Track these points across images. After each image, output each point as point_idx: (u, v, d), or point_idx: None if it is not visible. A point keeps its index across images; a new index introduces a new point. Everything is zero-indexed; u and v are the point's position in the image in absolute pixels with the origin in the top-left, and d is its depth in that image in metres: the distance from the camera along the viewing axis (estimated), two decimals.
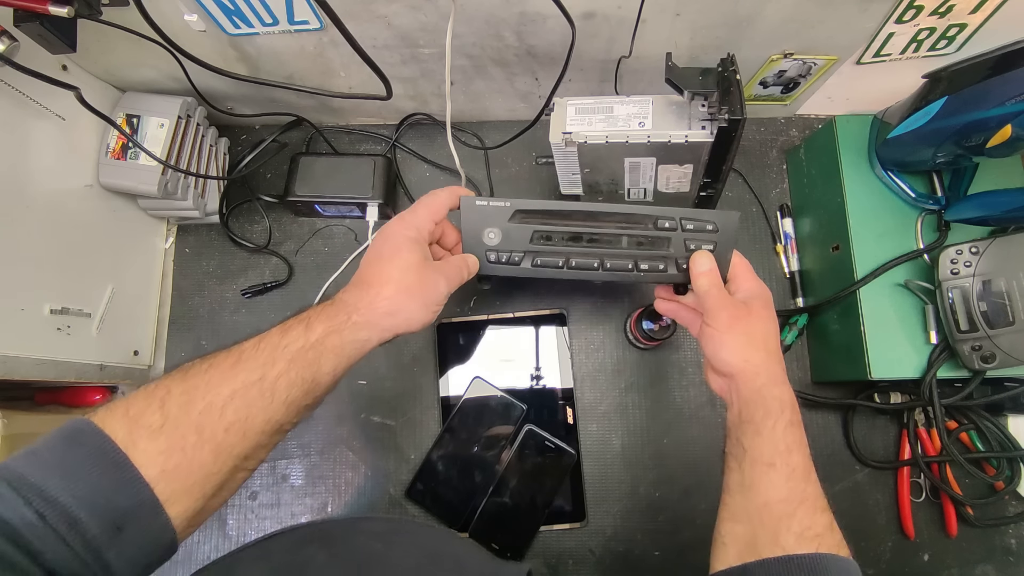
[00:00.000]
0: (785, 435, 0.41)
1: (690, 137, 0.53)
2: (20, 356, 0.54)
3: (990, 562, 0.66)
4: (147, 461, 0.33)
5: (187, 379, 0.36)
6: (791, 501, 0.39)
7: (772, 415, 0.42)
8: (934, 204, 0.62)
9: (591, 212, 0.49)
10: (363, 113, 0.76)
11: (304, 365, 0.39)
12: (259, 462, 0.41)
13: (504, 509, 0.65)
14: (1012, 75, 0.48)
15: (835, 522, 0.40)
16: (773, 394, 0.42)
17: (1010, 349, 0.55)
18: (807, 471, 0.41)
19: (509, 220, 0.49)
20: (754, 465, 0.41)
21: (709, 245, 0.48)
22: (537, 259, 0.49)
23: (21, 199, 0.55)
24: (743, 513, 0.41)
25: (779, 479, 0.40)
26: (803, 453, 0.41)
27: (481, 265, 0.50)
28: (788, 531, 0.38)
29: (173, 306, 0.73)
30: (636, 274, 0.49)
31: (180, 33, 0.53)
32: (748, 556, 0.39)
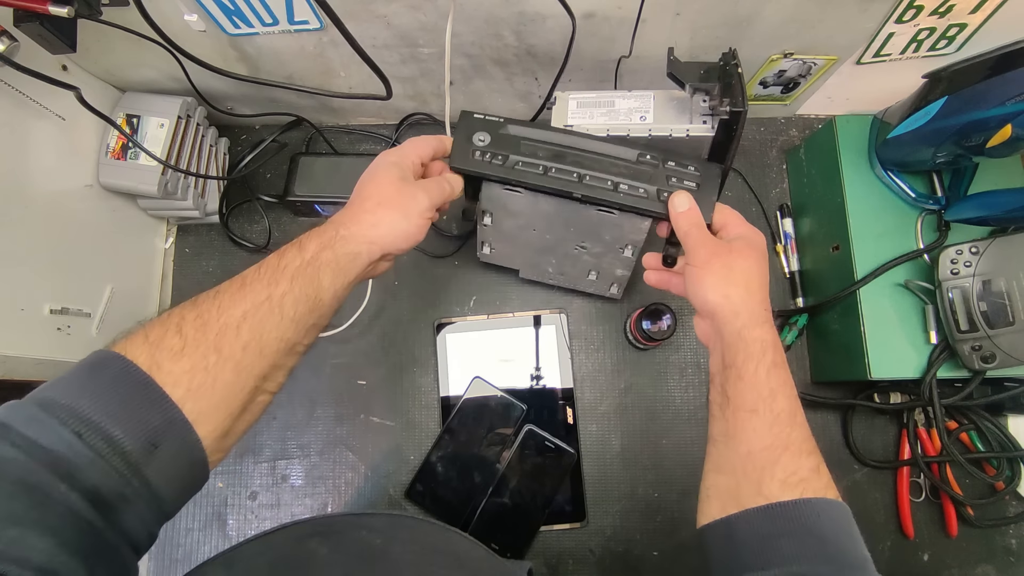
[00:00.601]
0: (768, 379, 0.40)
1: (691, 131, 0.53)
2: (20, 356, 0.54)
3: (990, 562, 0.66)
4: (172, 381, 0.33)
5: (198, 306, 0.37)
6: (775, 448, 0.38)
7: (754, 358, 0.40)
8: (934, 204, 0.62)
9: (578, 138, 0.51)
10: (363, 113, 0.76)
11: (305, 281, 0.40)
12: (278, 385, 0.42)
13: (504, 509, 0.65)
14: (1012, 75, 0.48)
15: (823, 464, 0.39)
16: (754, 335, 0.41)
17: (1010, 349, 0.55)
18: (792, 414, 0.40)
19: (500, 130, 0.51)
20: (736, 413, 0.40)
21: (691, 184, 0.48)
22: (520, 162, 0.50)
23: (21, 199, 0.55)
24: (727, 464, 0.40)
25: (762, 426, 0.39)
26: (787, 395, 0.40)
27: (467, 160, 0.50)
28: (772, 479, 0.37)
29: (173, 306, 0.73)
30: (615, 194, 0.48)
31: (180, 33, 0.53)
32: (732, 508, 0.38)
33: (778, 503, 0.36)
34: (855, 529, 0.37)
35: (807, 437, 0.40)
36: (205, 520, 0.68)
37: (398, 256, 0.48)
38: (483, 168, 0.50)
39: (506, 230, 0.61)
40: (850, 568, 0.35)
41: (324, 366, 0.71)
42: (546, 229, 0.58)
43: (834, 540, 0.35)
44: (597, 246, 0.58)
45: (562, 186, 0.49)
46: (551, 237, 0.59)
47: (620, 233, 0.55)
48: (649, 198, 0.48)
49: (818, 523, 0.36)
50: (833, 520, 0.36)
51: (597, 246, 0.58)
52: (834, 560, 0.35)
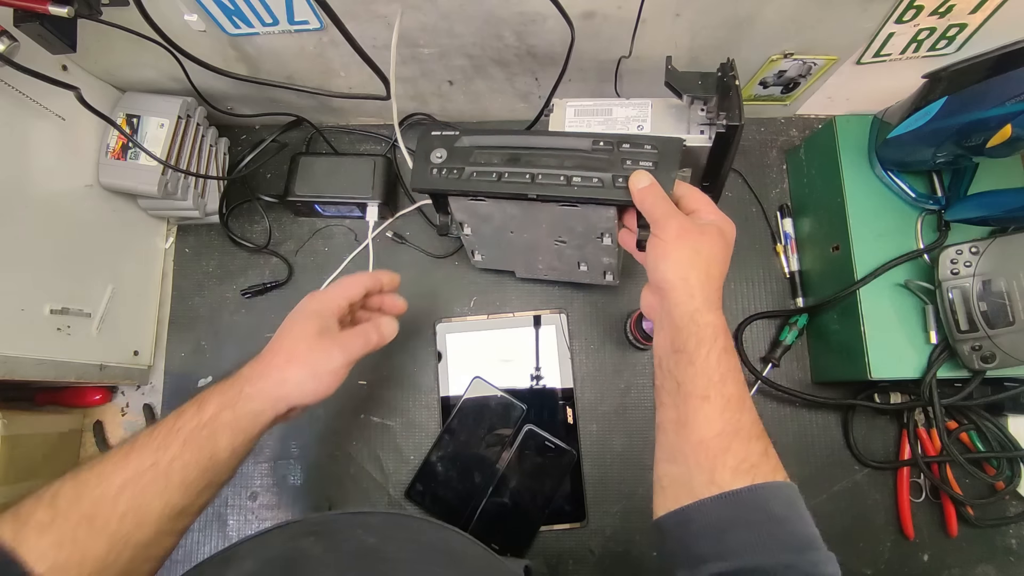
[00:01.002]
0: (719, 364, 0.40)
1: (688, 142, 0.53)
2: (20, 356, 0.54)
3: (990, 562, 0.66)
4: (36, 557, 0.33)
5: (78, 476, 0.37)
6: (725, 435, 0.38)
7: (706, 343, 0.40)
8: (934, 204, 0.62)
9: (533, 139, 0.52)
10: (363, 113, 0.76)
11: (199, 445, 0.40)
12: (166, 550, 0.41)
13: (504, 509, 0.65)
14: (1012, 75, 0.48)
15: (770, 446, 0.39)
16: (707, 320, 0.41)
17: (1010, 349, 0.55)
18: (741, 399, 0.40)
19: (456, 143, 0.52)
20: (688, 399, 0.40)
21: (648, 163, 0.47)
22: (474, 172, 0.50)
23: (21, 199, 0.55)
24: (679, 453, 0.40)
25: (714, 412, 0.39)
26: (737, 381, 0.40)
27: (425, 179, 0.52)
28: (724, 467, 0.37)
29: (173, 306, 0.73)
30: (569, 188, 0.48)
31: (180, 33, 0.53)
32: (685, 498, 0.38)
33: (731, 491, 0.36)
34: (803, 509, 0.38)
35: (755, 421, 0.40)
36: (205, 520, 0.68)
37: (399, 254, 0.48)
38: (441, 184, 0.51)
39: (487, 236, 0.61)
40: (804, 550, 0.35)
41: None
42: (522, 229, 0.58)
43: (788, 523, 0.36)
44: (575, 239, 0.58)
45: (516, 189, 0.50)
46: (529, 236, 0.59)
47: (590, 224, 0.55)
48: (604, 186, 0.48)
49: (771, 508, 0.36)
50: (784, 503, 0.37)
51: (575, 239, 0.58)
52: (790, 545, 0.35)
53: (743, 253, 0.73)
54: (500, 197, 0.51)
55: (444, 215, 0.58)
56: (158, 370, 0.72)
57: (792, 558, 0.35)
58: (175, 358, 0.72)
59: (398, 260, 0.74)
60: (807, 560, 0.35)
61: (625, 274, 0.73)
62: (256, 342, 0.71)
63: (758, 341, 0.71)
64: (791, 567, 0.34)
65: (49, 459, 0.64)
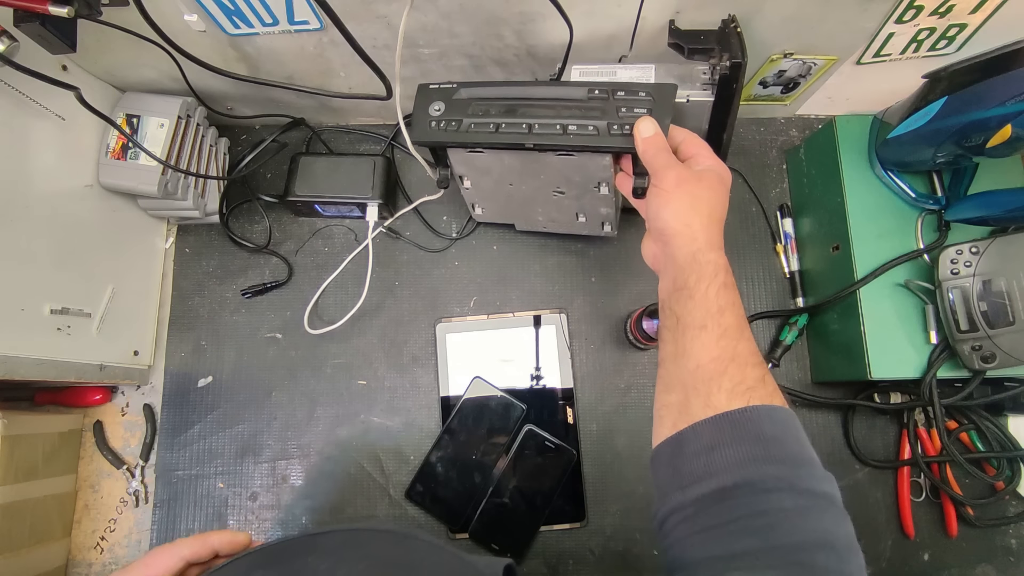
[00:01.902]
0: (718, 297, 0.40)
1: (691, 97, 0.53)
2: (20, 356, 0.54)
3: (990, 562, 0.66)
4: None
5: None
6: (722, 359, 0.38)
7: (706, 278, 0.41)
8: (934, 204, 0.62)
9: (530, 90, 0.52)
10: (363, 113, 0.76)
11: None
12: None
13: (504, 509, 0.65)
14: (1012, 75, 0.48)
15: (769, 375, 0.39)
16: (708, 258, 0.42)
17: (1010, 349, 0.55)
18: (740, 329, 0.40)
19: (454, 96, 0.52)
20: (686, 331, 0.40)
21: (642, 110, 0.48)
22: (472, 124, 0.51)
23: (21, 199, 0.55)
24: (676, 381, 0.40)
25: (710, 340, 0.39)
26: (736, 313, 0.40)
27: (424, 132, 0.52)
28: (719, 390, 0.37)
29: (173, 306, 0.73)
30: (565, 137, 0.49)
31: (180, 33, 0.53)
32: (682, 423, 0.38)
33: (725, 412, 0.36)
34: (801, 432, 0.37)
35: (754, 351, 0.40)
36: (206, 521, 0.68)
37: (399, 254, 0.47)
38: (439, 136, 0.52)
39: (486, 189, 0.62)
40: (797, 465, 0.35)
41: (324, 366, 0.71)
42: (520, 181, 0.59)
43: (780, 442, 0.36)
44: (572, 189, 0.58)
45: (513, 139, 0.50)
46: (527, 188, 0.60)
47: (587, 173, 0.55)
48: (600, 135, 0.48)
49: (764, 428, 0.36)
50: (778, 424, 0.36)
51: (572, 189, 0.58)
52: (781, 461, 0.35)
53: (743, 252, 0.73)
54: (498, 148, 0.52)
55: (444, 168, 0.59)
56: (158, 370, 0.72)
57: (782, 471, 0.34)
58: (175, 358, 0.72)
59: (398, 260, 0.74)
60: (798, 474, 0.34)
61: (622, 270, 0.73)
62: (256, 342, 0.72)
63: (758, 341, 0.70)
64: (781, 479, 0.34)
65: (49, 459, 0.64)
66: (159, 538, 0.67)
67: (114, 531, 0.68)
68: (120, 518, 0.68)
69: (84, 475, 0.69)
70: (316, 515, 0.68)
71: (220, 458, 0.69)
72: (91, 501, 0.69)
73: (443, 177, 0.59)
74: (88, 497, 0.69)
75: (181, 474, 0.69)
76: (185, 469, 0.69)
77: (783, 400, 0.38)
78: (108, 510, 0.68)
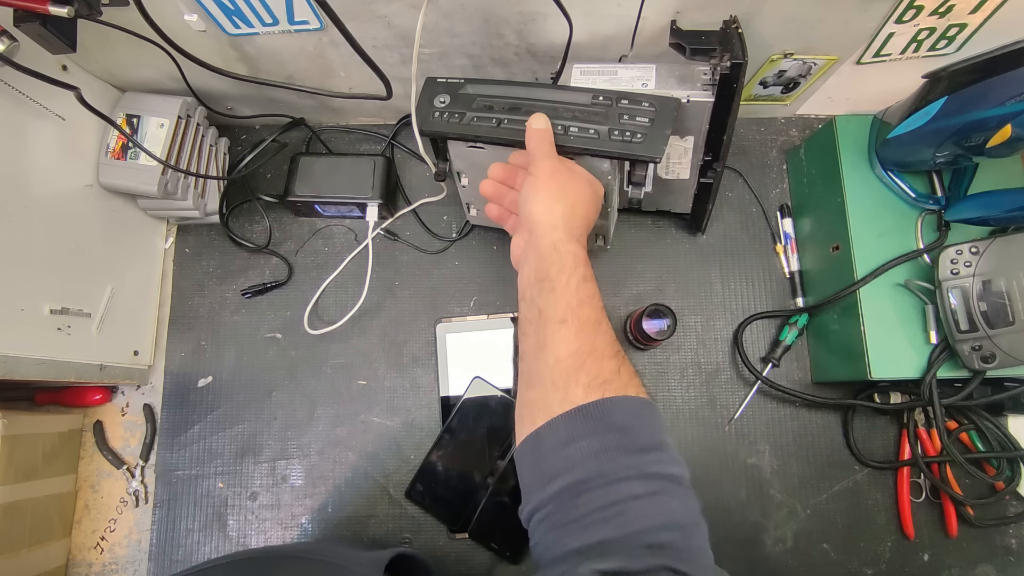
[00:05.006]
0: (578, 290, 0.41)
1: (692, 97, 0.53)
2: (20, 356, 0.54)
3: (990, 562, 0.66)
4: None
5: None
6: (580, 354, 0.39)
7: (566, 270, 0.42)
8: (934, 204, 0.62)
9: (535, 91, 0.53)
10: (363, 113, 0.76)
11: None
12: None
13: (504, 509, 0.65)
14: (1012, 75, 0.48)
15: (625, 364, 0.40)
16: (568, 249, 0.43)
17: (1010, 349, 0.55)
18: (597, 322, 0.41)
19: (460, 91, 0.53)
20: (547, 324, 0.41)
21: (644, 119, 0.49)
22: (475, 118, 0.52)
23: (21, 199, 0.55)
24: (536, 377, 0.41)
25: (570, 334, 0.40)
26: (594, 306, 0.42)
27: (427, 122, 0.53)
28: (576, 384, 0.38)
29: (173, 306, 0.73)
30: (565, 138, 0.49)
31: (180, 33, 0.53)
32: (541, 419, 0.39)
33: (580, 406, 0.37)
34: (655, 418, 0.39)
35: (611, 342, 0.41)
36: (205, 521, 0.68)
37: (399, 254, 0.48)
38: (441, 127, 0.52)
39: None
40: (645, 451, 0.36)
41: (324, 366, 0.71)
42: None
43: (632, 431, 0.37)
44: None
45: (514, 136, 0.50)
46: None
47: None
48: (600, 138, 0.49)
49: (616, 418, 0.37)
50: (630, 413, 0.38)
51: None
52: (632, 449, 0.36)
53: (743, 252, 0.73)
54: (498, 143, 0.52)
55: (443, 161, 0.59)
56: (158, 370, 0.72)
57: (632, 460, 0.36)
58: (175, 358, 0.72)
59: (397, 260, 0.74)
60: (646, 460, 0.36)
61: (622, 271, 0.73)
62: (256, 342, 0.72)
63: (758, 341, 0.71)
64: (631, 467, 0.35)
65: (49, 459, 0.64)
66: (159, 538, 0.67)
67: (114, 531, 0.68)
68: (120, 518, 0.68)
69: (84, 475, 0.69)
70: (316, 515, 0.68)
71: (220, 458, 0.69)
72: (91, 501, 0.69)
73: (441, 171, 0.59)
74: (88, 497, 0.69)
75: (181, 474, 0.69)
76: (185, 469, 0.69)
77: (639, 388, 0.40)
78: (108, 510, 0.68)
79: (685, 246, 0.74)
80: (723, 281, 0.72)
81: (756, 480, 0.68)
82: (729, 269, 0.73)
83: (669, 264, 0.73)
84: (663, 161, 0.60)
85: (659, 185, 0.65)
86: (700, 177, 0.62)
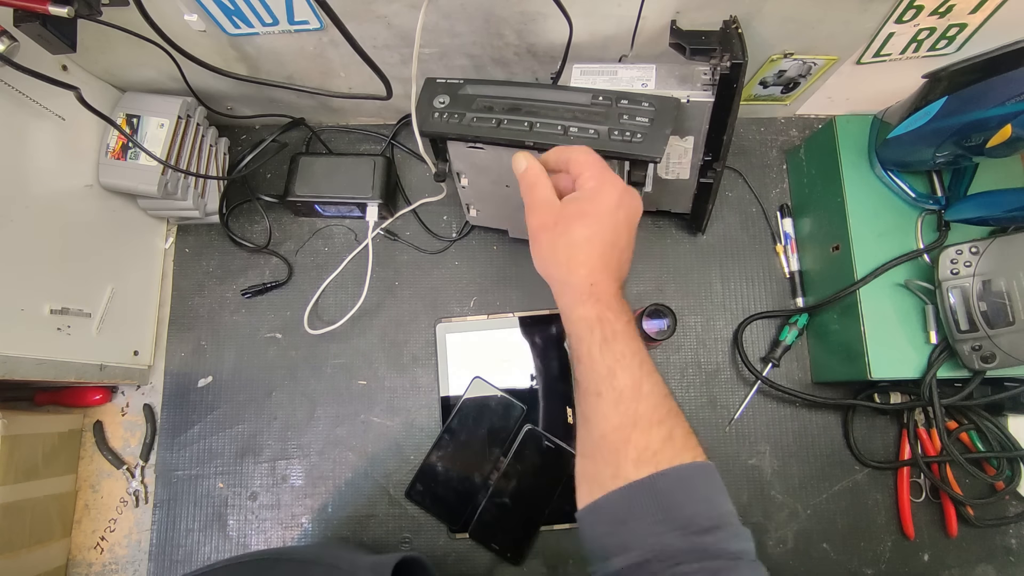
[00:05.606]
0: (603, 357, 0.38)
1: (692, 97, 0.53)
2: (20, 356, 0.54)
3: (990, 562, 0.66)
4: None
5: None
6: (624, 427, 0.38)
7: (584, 340, 0.39)
8: (934, 204, 0.62)
9: (535, 91, 0.53)
10: (363, 113, 0.76)
11: None
12: None
13: (504, 509, 0.65)
14: (1012, 75, 0.48)
15: (677, 427, 0.38)
16: (578, 315, 0.40)
17: (1010, 349, 0.55)
18: (635, 388, 0.38)
19: (460, 91, 0.53)
20: (585, 397, 0.40)
21: (644, 119, 0.48)
22: (475, 118, 0.51)
23: (21, 199, 0.55)
24: (588, 447, 0.40)
25: (608, 408, 0.38)
26: (626, 368, 0.38)
27: (426, 123, 0.53)
28: (626, 459, 0.37)
29: (173, 306, 0.73)
30: (565, 138, 0.49)
31: (180, 33, 0.53)
32: (596, 492, 0.38)
33: (632, 483, 0.36)
34: (713, 485, 0.37)
35: (655, 406, 0.38)
36: (205, 521, 0.68)
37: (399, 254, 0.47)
38: (441, 128, 0.52)
39: (483, 189, 0.62)
40: (704, 532, 0.35)
41: (324, 366, 0.71)
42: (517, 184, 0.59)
43: (683, 508, 0.35)
44: None
45: (514, 136, 0.50)
46: None
47: None
48: (600, 138, 0.49)
49: (670, 496, 0.36)
50: (684, 484, 0.36)
51: None
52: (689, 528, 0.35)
53: (743, 253, 0.73)
54: (497, 143, 0.52)
55: (443, 162, 0.59)
56: (158, 370, 0.72)
57: (691, 541, 0.34)
58: (175, 358, 0.72)
59: (397, 260, 0.74)
60: (704, 541, 0.34)
61: None
62: (256, 342, 0.72)
63: (758, 341, 0.71)
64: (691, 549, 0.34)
65: (49, 459, 0.64)
66: (159, 538, 0.67)
67: (114, 531, 0.68)
68: (120, 518, 0.68)
69: (84, 475, 0.69)
70: (316, 515, 0.68)
71: (220, 458, 0.69)
72: (91, 501, 0.69)
73: (441, 171, 0.59)
74: (88, 497, 0.69)
75: (181, 474, 0.69)
76: (185, 469, 0.69)
77: (695, 449, 0.37)
78: (108, 510, 0.68)
79: (685, 246, 0.74)
80: (723, 281, 0.72)
81: (757, 481, 0.68)
82: (729, 269, 0.73)
83: (669, 264, 0.73)
84: (663, 161, 0.60)
85: (659, 185, 0.65)
86: (700, 177, 0.62)
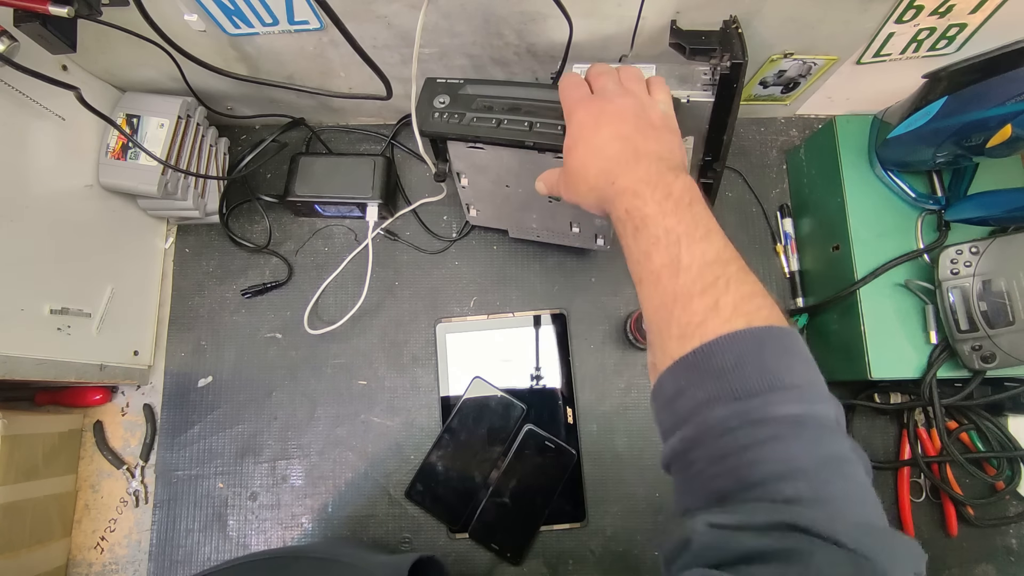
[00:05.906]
0: (637, 244, 0.39)
1: (692, 97, 0.53)
2: (20, 356, 0.54)
3: (990, 562, 0.66)
4: None
5: None
6: (665, 306, 0.37)
7: (623, 236, 0.41)
8: (934, 204, 0.62)
9: (535, 91, 0.53)
10: (363, 113, 0.76)
11: None
12: None
13: (504, 509, 0.65)
14: (1012, 75, 0.48)
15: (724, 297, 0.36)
16: (613, 217, 0.41)
17: (1010, 349, 0.55)
18: (672, 265, 0.37)
19: (460, 91, 0.54)
20: (637, 289, 0.40)
21: None
22: (475, 118, 0.52)
23: (21, 199, 0.55)
24: (649, 337, 0.41)
25: (649, 291, 0.38)
26: (662, 250, 0.38)
27: (426, 123, 0.53)
28: (670, 338, 0.36)
29: (173, 306, 0.73)
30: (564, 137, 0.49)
31: (180, 33, 0.53)
32: (654, 377, 0.39)
33: (676, 360, 0.36)
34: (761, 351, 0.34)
35: (697, 277, 0.37)
36: (205, 521, 0.68)
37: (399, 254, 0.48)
38: (441, 128, 0.52)
39: (483, 189, 0.62)
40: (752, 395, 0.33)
41: (324, 366, 0.71)
42: (517, 183, 0.59)
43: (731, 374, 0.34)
44: None
45: (514, 136, 0.51)
46: (523, 191, 0.60)
47: None
48: None
49: (713, 365, 0.34)
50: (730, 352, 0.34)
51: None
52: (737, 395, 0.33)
53: (743, 253, 0.72)
54: (497, 143, 0.52)
55: (443, 162, 0.59)
56: (158, 370, 0.72)
57: (737, 407, 0.33)
58: (175, 358, 0.72)
59: (397, 260, 0.74)
60: (752, 405, 0.32)
61: (622, 270, 0.72)
62: (256, 342, 0.72)
63: None
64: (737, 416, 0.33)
65: (49, 459, 0.64)
66: (159, 538, 0.67)
67: (114, 531, 0.68)
68: (120, 518, 0.68)
69: (84, 475, 0.69)
70: (316, 515, 0.68)
71: (220, 458, 0.69)
72: (91, 501, 0.69)
73: (441, 171, 0.59)
74: (88, 497, 0.69)
75: (181, 474, 0.69)
76: (185, 469, 0.69)
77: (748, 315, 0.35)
78: (108, 510, 0.68)
79: None
80: None
81: None
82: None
83: None
84: None
85: None
86: (700, 177, 0.62)
